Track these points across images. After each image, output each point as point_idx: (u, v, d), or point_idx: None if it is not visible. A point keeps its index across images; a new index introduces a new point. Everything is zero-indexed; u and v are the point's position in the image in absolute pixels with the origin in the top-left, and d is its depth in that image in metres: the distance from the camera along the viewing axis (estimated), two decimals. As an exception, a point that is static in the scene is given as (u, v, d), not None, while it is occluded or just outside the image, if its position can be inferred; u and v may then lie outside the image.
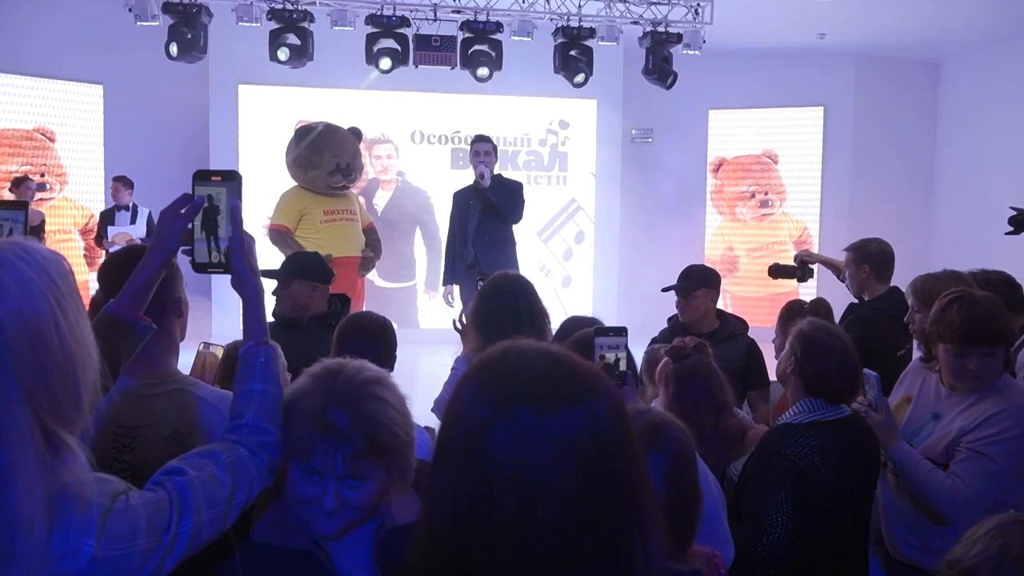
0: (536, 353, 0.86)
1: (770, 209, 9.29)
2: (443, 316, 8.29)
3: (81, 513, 0.97)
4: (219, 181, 1.33)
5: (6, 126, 7.59)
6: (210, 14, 6.38)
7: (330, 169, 5.81)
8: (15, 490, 0.91)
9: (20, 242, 1.00)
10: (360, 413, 1.18)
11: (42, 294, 0.96)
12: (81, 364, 0.98)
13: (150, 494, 1.07)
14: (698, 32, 6.93)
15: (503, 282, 2.55)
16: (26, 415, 0.92)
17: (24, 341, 0.93)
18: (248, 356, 1.25)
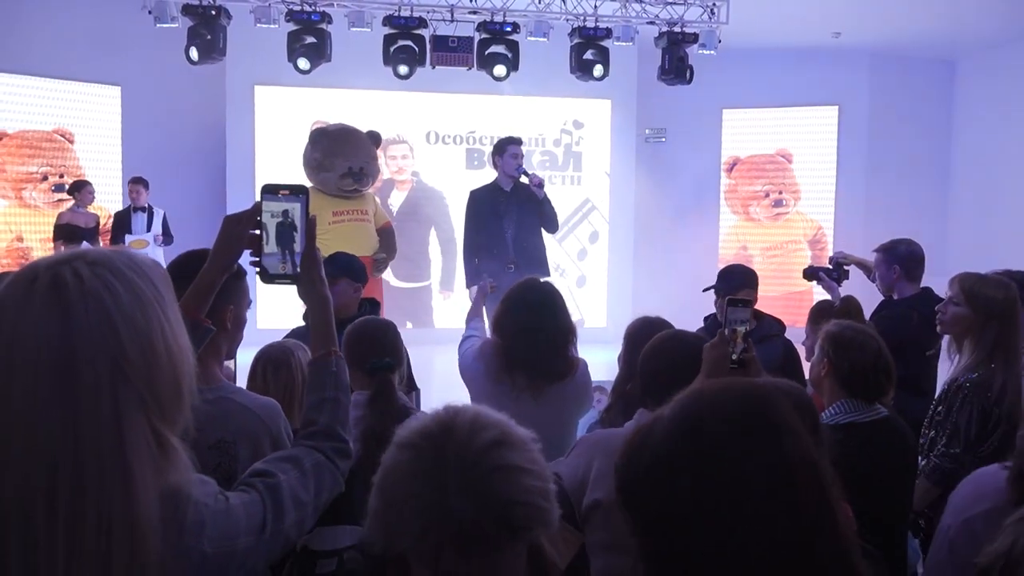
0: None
1: (784, 208, 9.28)
2: (458, 316, 8.31)
3: (190, 513, 1.01)
4: (288, 195, 1.35)
5: (26, 127, 7.65)
6: (228, 16, 6.42)
7: (342, 173, 5.86)
8: (136, 492, 0.93)
9: (127, 251, 1.03)
10: (490, 498, 0.89)
11: (151, 303, 0.99)
12: (183, 368, 1.01)
13: (244, 495, 1.09)
14: (714, 32, 6.93)
15: (526, 295, 2.51)
16: (140, 419, 0.95)
17: (137, 349, 0.96)
18: (319, 365, 1.27)
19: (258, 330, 4.95)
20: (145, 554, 0.93)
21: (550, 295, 2.48)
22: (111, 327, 0.94)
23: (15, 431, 0.91)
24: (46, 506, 0.90)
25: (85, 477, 0.91)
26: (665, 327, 2.41)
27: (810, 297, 9.02)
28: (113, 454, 0.93)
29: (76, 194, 7.17)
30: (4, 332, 0.93)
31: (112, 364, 0.94)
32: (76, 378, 0.92)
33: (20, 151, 7.66)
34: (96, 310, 0.94)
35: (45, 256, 1.01)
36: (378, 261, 5.79)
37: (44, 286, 0.94)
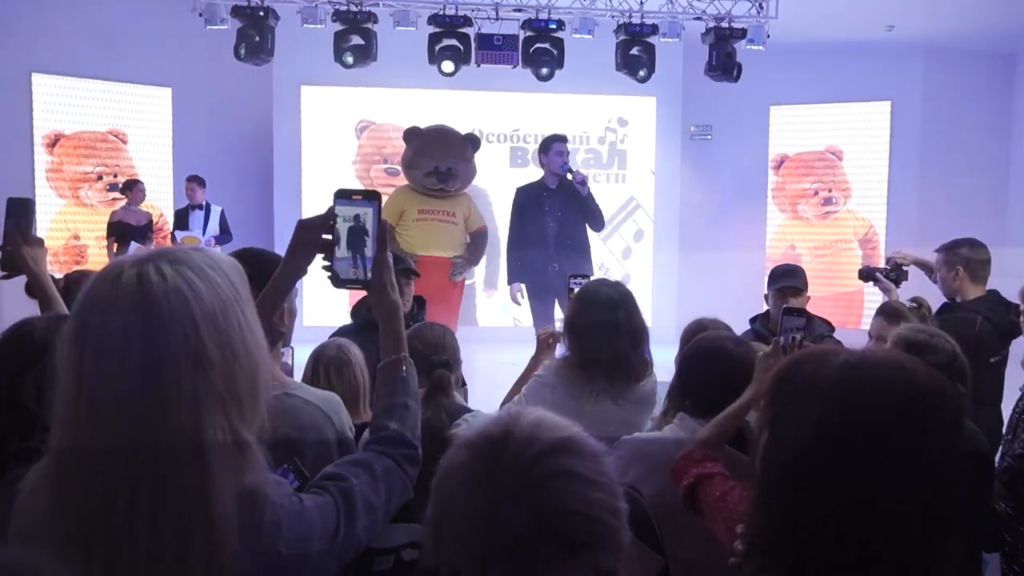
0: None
1: (834, 207, 9.08)
2: (501, 315, 8.32)
3: (267, 513, 1.00)
4: (360, 200, 1.34)
5: (82, 128, 7.86)
6: (276, 17, 6.51)
7: (427, 171, 5.95)
8: (215, 490, 0.94)
9: (207, 250, 1.04)
10: (544, 506, 0.82)
11: (230, 302, 0.99)
12: (260, 367, 1.01)
13: (317, 498, 1.09)
14: (762, 27, 6.81)
15: (601, 291, 2.43)
16: (219, 417, 0.96)
17: (216, 347, 0.96)
18: (389, 371, 1.26)
19: (304, 327, 5.01)
20: (222, 553, 0.94)
21: (624, 293, 2.40)
22: (193, 326, 0.95)
23: (101, 427, 0.92)
24: (128, 503, 0.91)
25: (165, 474, 0.92)
26: (720, 328, 2.38)
27: (860, 298, 8.81)
28: (192, 451, 0.94)
29: (128, 193, 7.34)
30: (91, 329, 0.94)
31: (193, 362, 0.94)
32: (158, 376, 0.93)
33: (76, 152, 7.88)
34: (178, 309, 0.95)
35: (129, 254, 1.03)
36: (455, 264, 5.82)
37: (129, 284, 0.95)
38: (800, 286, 3.37)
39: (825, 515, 0.84)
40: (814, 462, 0.85)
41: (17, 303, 3.91)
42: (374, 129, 8.33)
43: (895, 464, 0.83)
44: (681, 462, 1.72)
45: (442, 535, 0.86)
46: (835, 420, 0.85)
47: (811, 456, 0.85)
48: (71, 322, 0.96)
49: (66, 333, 0.96)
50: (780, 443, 0.88)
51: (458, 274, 5.93)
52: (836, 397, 0.86)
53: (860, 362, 0.90)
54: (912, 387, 0.87)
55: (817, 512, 0.84)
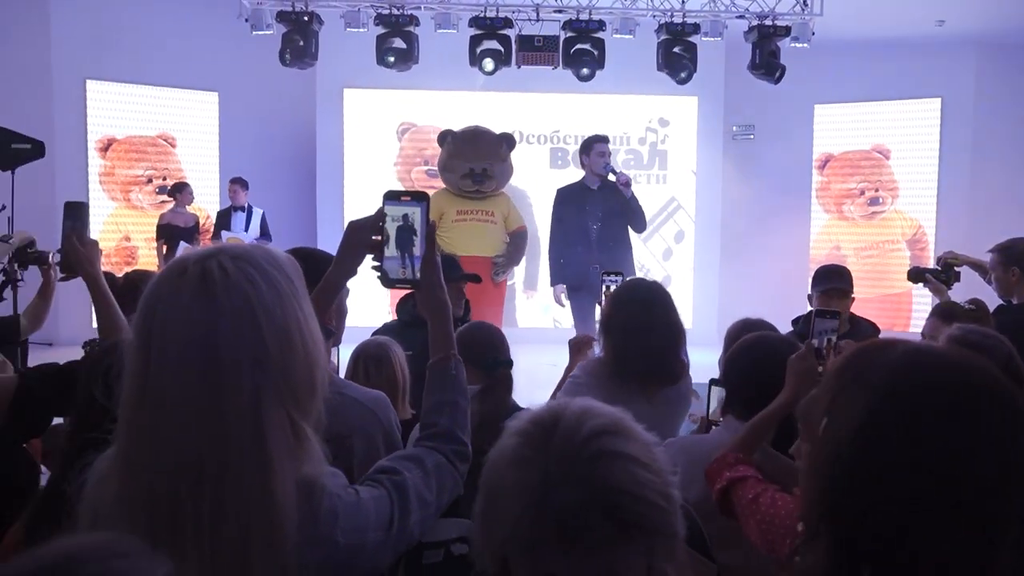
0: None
1: (881, 207, 8.89)
2: (541, 316, 8.32)
3: (325, 503, 1.03)
4: (409, 201, 1.36)
5: (132, 133, 8.07)
6: (320, 21, 6.61)
7: (463, 173, 5.99)
8: (275, 480, 0.96)
9: (265, 247, 1.06)
10: (594, 484, 0.81)
11: (288, 296, 1.02)
12: (317, 360, 1.04)
13: (372, 489, 1.11)
14: (807, 24, 6.71)
15: (637, 290, 2.40)
16: (278, 409, 0.98)
17: (276, 341, 0.99)
18: (439, 368, 1.27)
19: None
20: (282, 542, 0.96)
21: (660, 293, 2.36)
22: (253, 320, 0.98)
23: (167, 420, 0.95)
24: (193, 494, 0.94)
25: (228, 465, 0.95)
26: (766, 329, 2.34)
27: (908, 300, 8.62)
28: (253, 443, 0.96)
29: (177, 195, 7.52)
30: (156, 323, 0.97)
31: (253, 356, 0.97)
32: (220, 369, 0.96)
33: (128, 155, 8.09)
34: (240, 303, 0.98)
35: (191, 250, 1.05)
36: (496, 264, 5.85)
37: (193, 279, 0.98)
38: (846, 288, 3.32)
39: (867, 505, 0.84)
40: (860, 450, 0.86)
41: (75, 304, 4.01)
42: (415, 131, 8.40)
43: (939, 459, 0.83)
44: (714, 466, 1.71)
45: (491, 522, 0.85)
46: (883, 409, 0.86)
47: (858, 444, 0.86)
48: (137, 317, 0.99)
49: (133, 326, 0.99)
50: (832, 430, 0.89)
51: (501, 274, 5.94)
52: (887, 386, 0.87)
53: (916, 354, 0.90)
54: (965, 383, 0.86)
55: (860, 501, 0.85)
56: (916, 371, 0.88)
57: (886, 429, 0.85)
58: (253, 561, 0.95)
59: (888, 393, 0.86)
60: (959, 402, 0.85)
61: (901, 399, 0.86)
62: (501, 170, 6.33)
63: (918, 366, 0.88)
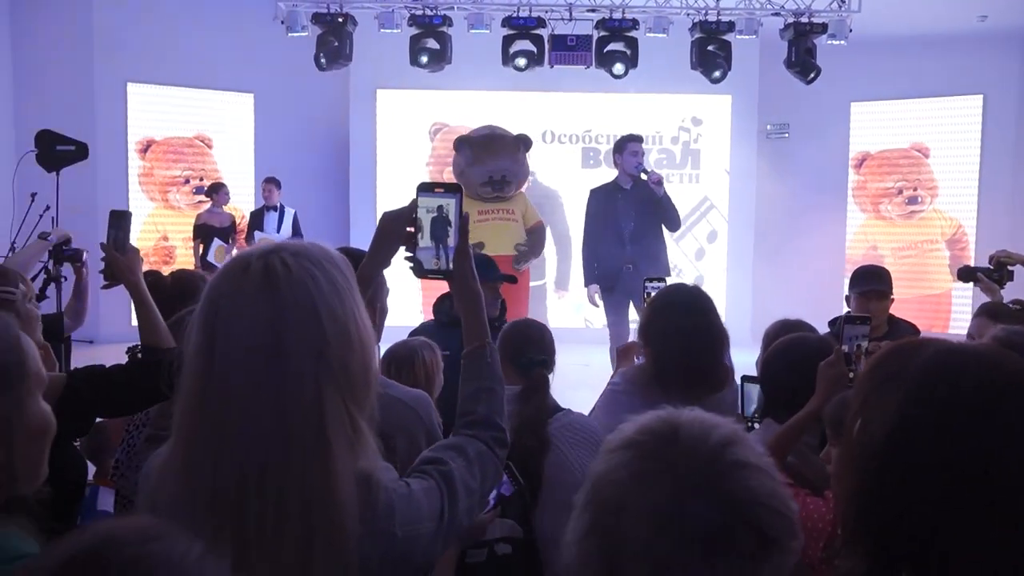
0: None
1: (919, 206, 8.73)
2: (572, 315, 8.31)
3: (382, 496, 1.04)
4: (442, 192, 1.36)
5: (171, 134, 8.22)
6: (354, 22, 6.67)
7: (482, 181, 6.01)
8: (336, 474, 0.98)
9: (320, 245, 1.08)
10: (734, 497, 0.77)
11: (346, 291, 1.04)
12: (371, 354, 1.06)
13: (422, 481, 1.12)
14: (844, 21, 6.62)
15: (677, 295, 2.32)
16: (339, 402, 1.00)
17: (336, 335, 1.01)
18: (474, 356, 1.28)
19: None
20: (343, 532, 0.97)
21: (701, 297, 2.28)
22: (315, 314, 1.00)
23: (233, 412, 0.97)
24: (258, 484, 0.96)
25: (291, 458, 0.96)
26: (804, 330, 2.31)
27: (948, 300, 8.46)
28: (316, 436, 0.97)
29: (213, 196, 7.63)
30: (220, 318, 0.99)
31: (316, 349, 0.99)
32: (286, 361, 0.97)
33: (166, 157, 8.24)
34: (303, 298, 0.99)
35: (254, 246, 1.08)
36: (520, 254, 5.85)
37: (256, 274, 1.00)
38: (884, 289, 3.26)
39: (902, 506, 0.83)
40: (893, 450, 0.86)
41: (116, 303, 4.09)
42: (447, 131, 8.43)
43: (971, 458, 0.82)
44: None
45: (610, 540, 0.79)
46: (915, 408, 0.86)
47: (891, 444, 0.86)
48: (199, 313, 1.01)
49: (195, 322, 1.01)
50: (866, 431, 0.90)
51: (522, 263, 5.95)
52: (919, 386, 0.87)
53: (948, 354, 0.90)
54: (995, 382, 0.85)
55: (894, 503, 0.85)
56: (948, 370, 0.88)
57: (919, 429, 0.85)
58: (316, 556, 0.96)
59: (920, 393, 0.87)
60: (990, 401, 0.84)
61: (933, 399, 0.86)
62: (520, 172, 6.34)
63: (950, 365, 0.88)
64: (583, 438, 1.94)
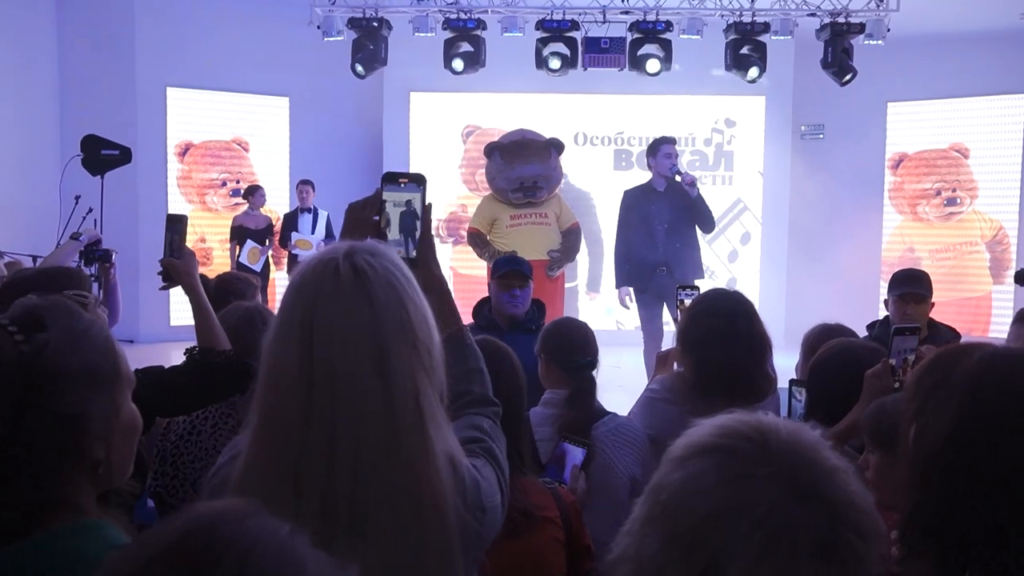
0: None
1: (958, 207, 8.58)
2: (604, 317, 8.30)
3: (466, 474, 1.12)
4: (408, 184, 1.42)
5: (208, 138, 8.36)
6: (389, 26, 6.74)
7: (513, 188, 6.00)
8: (433, 455, 1.07)
9: (378, 243, 1.16)
10: (837, 500, 0.74)
11: (416, 287, 1.12)
12: (437, 343, 1.13)
13: (479, 460, 1.19)
14: (882, 21, 6.53)
15: (718, 300, 2.25)
16: (428, 388, 1.08)
17: (420, 326, 1.09)
18: (456, 340, 1.33)
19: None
20: (445, 507, 1.06)
21: (743, 303, 2.22)
22: (404, 308, 1.08)
23: (342, 408, 1.04)
24: (371, 470, 1.04)
25: (399, 443, 1.05)
26: (845, 334, 2.29)
27: (988, 303, 8.31)
28: (417, 421, 1.06)
29: (249, 198, 7.75)
30: (319, 317, 1.06)
31: (408, 341, 1.07)
32: (387, 357, 1.05)
33: (204, 160, 8.39)
34: (392, 294, 1.07)
35: (331, 246, 1.14)
36: (553, 260, 5.80)
37: (347, 275, 1.07)
38: (923, 293, 3.22)
39: (965, 508, 0.85)
40: (952, 455, 0.89)
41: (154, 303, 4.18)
42: (480, 133, 8.48)
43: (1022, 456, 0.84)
44: None
45: (703, 549, 0.75)
46: (969, 412, 0.90)
47: (949, 448, 0.89)
48: (293, 312, 1.07)
49: (286, 322, 1.07)
50: (923, 436, 0.91)
51: (556, 268, 5.89)
52: (970, 390, 0.90)
53: (993, 357, 0.93)
54: None
55: (958, 504, 0.87)
56: (996, 373, 0.92)
57: (975, 433, 0.88)
58: (427, 532, 1.04)
59: (972, 397, 0.90)
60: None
61: (985, 402, 0.89)
62: (552, 177, 6.31)
63: (997, 369, 0.92)
64: (628, 441, 1.95)
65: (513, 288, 3.12)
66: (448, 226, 8.61)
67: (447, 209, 8.59)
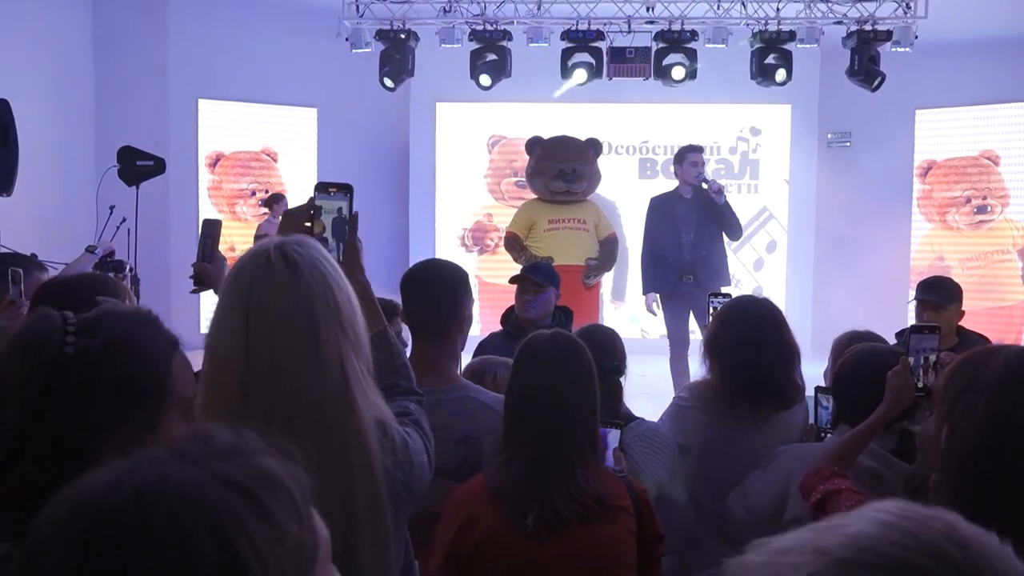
0: None
1: (988, 215, 8.48)
2: (629, 325, 8.30)
3: (395, 435, 1.28)
4: (337, 193, 1.51)
5: (238, 149, 8.50)
6: (416, 38, 6.82)
7: (553, 174, 6.01)
8: (361, 415, 1.20)
9: (299, 237, 1.29)
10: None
11: (339, 270, 1.27)
12: (361, 321, 1.27)
13: (406, 427, 1.36)
14: (909, 28, 6.49)
15: (746, 307, 2.25)
16: (353, 358, 1.21)
17: (346, 306, 1.23)
18: (382, 338, 1.44)
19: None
20: (373, 461, 1.19)
21: (771, 310, 2.22)
22: (330, 290, 1.21)
23: (273, 373, 1.16)
24: (303, 427, 1.14)
25: (327, 404, 1.19)
26: (873, 340, 2.29)
27: (1021, 312, 8.19)
28: (343, 385, 1.19)
29: (273, 206, 7.82)
30: (253, 299, 1.18)
31: (334, 318, 1.20)
32: (316, 330, 1.19)
33: (234, 170, 8.53)
34: (320, 278, 1.21)
35: (262, 241, 1.28)
36: (590, 268, 5.76)
37: (279, 263, 1.20)
38: (939, 301, 3.19)
39: (991, 504, 0.86)
40: (986, 450, 0.91)
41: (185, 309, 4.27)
42: (505, 143, 8.54)
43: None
44: (808, 479, 1.71)
45: None
46: (1001, 409, 0.92)
47: (984, 444, 0.91)
48: (232, 296, 1.21)
49: (227, 304, 1.21)
50: (955, 435, 0.92)
51: (592, 277, 5.84)
52: (1000, 387, 0.93)
53: (1020, 357, 0.96)
54: None
55: (984, 501, 0.87)
56: (1022, 373, 0.94)
57: (1009, 429, 0.91)
58: (357, 483, 1.16)
59: (1002, 393, 0.92)
60: None
61: (1017, 398, 0.91)
62: (590, 171, 6.31)
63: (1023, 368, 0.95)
64: (655, 446, 1.97)
65: (525, 293, 3.17)
66: (474, 235, 8.66)
67: (472, 218, 8.65)
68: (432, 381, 1.72)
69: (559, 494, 1.52)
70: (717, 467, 2.04)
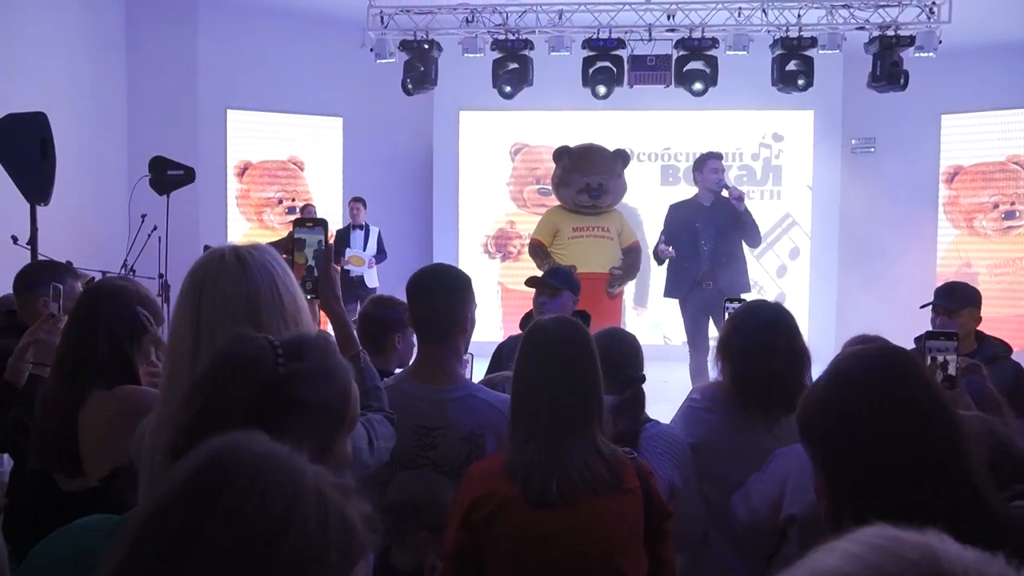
0: None
1: (1017, 221, 8.39)
2: (650, 332, 8.32)
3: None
4: (314, 228, 1.66)
5: (266, 158, 8.66)
6: (440, 48, 6.93)
7: (578, 188, 6.04)
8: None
9: (254, 243, 1.41)
10: None
11: (288, 272, 1.39)
12: (308, 316, 1.40)
13: (376, 415, 1.56)
14: (933, 32, 6.46)
15: (759, 312, 2.27)
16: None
17: (290, 301, 1.34)
18: (355, 363, 1.54)
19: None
20: None
21: (784, 315, 2.24)
22: (276, 286, 1.32)
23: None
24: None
25: None
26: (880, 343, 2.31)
27: (1050, 319, 8.08)
28: None
29: (303, 215, 8.00)
30: (206, 293, 1.30)
31: (278, 310, 1.31)
32: (259, 318, 1.28)
33: (261, 179, 8.68)
34: (268, 275, 1.32)
35: (218, 246, 1.40)
36: (613, 276, 5.78)
37: (232, 260, 1.32)
38: (949, 305, 3.19)
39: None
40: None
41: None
42: (528, 151, 8.61)
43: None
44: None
45: None
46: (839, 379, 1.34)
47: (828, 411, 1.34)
48: (187, 292, 1.31)
49: (184, 300, 1.31)
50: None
51: (616, 285, 5.85)
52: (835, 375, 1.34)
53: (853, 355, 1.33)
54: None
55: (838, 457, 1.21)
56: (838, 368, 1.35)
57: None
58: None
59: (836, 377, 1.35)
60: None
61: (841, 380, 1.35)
62: (616, 186, 6.34)
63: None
64: (667, 447, 2.01)
65: (541, 295, 3.24)
66: (496, 242, 8.74)
67: (495, 226, 8.73)
68: (438, 380, 1.81)
69: (575, 464, 1.58)
70: (728, 467, 2.08)
